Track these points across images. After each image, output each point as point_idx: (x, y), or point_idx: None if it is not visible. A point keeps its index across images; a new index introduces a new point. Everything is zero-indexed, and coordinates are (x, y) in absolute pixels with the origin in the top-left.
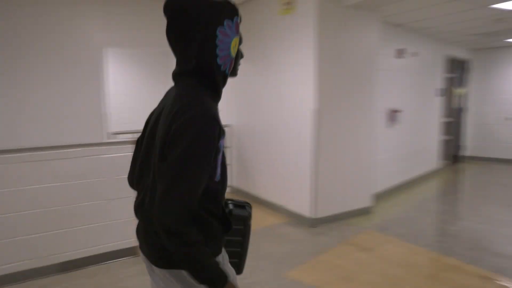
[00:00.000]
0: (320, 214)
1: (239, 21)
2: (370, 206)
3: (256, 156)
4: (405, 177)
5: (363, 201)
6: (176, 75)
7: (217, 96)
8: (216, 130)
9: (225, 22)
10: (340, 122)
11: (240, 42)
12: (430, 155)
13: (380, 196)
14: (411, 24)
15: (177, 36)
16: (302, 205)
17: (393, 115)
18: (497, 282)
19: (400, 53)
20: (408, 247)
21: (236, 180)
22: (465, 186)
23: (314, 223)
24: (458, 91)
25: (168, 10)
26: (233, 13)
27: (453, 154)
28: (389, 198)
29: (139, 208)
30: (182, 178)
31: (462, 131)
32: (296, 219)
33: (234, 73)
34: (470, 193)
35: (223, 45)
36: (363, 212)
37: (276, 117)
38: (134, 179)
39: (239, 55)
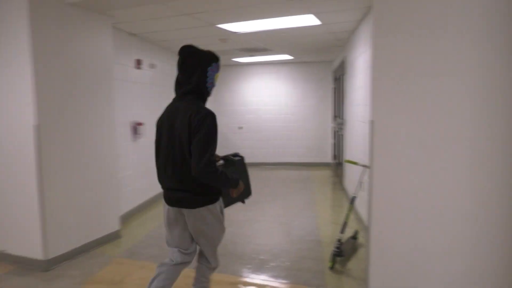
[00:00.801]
0: (54, 252)
1: (219, 63)
2: (118, 230)
3: None
4: (153, 192)
5: (110, 226)
6: (182, 94)
7: (205, 104)
8: (216, 122)
9: (213, 64)
10: (73, 139)
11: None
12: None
13: (130, 216)
14: (147, 34)
15: (185, 69)
16: (29, 246)
17: (136, 128)
18: (248, 281)
19: (138, 63)
20: None
21: None
22: None
23: (47, 266)
24: None
25: (183, 52)
26: (217, 59)
27: None
28: (140, 216)
29: (172, 179)
30: (207, 145)
31: None
32: (24, 265)
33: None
34: None
35: (210, 77)
36: (111, 238)
37: None
38: (159, 159)
39: (215, 83)
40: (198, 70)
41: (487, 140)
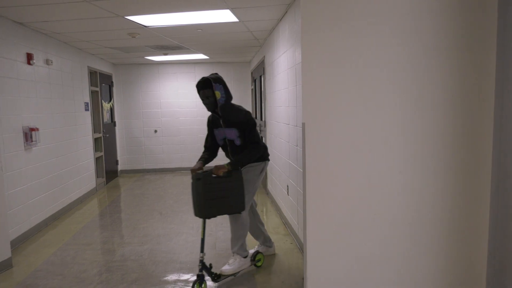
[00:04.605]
0: None
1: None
2: (9, 258)
3: None
4: (56, 207)
5: None
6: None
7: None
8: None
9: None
10: None
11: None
12: (86, 175)
13: (24, 240)
14: (38, 24)
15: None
16: None
17: (30, 134)
18: None
19: (29, 58)
20: None
21: None
22: (124, 204)
23: None
24: (107, 105)
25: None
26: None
27: (108, 170)
28: (37, 239)
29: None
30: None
31: (115, 146)
32: None
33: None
34: (129, 210)
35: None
36: (1, 268)
37: None
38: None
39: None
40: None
41: (418, 141)
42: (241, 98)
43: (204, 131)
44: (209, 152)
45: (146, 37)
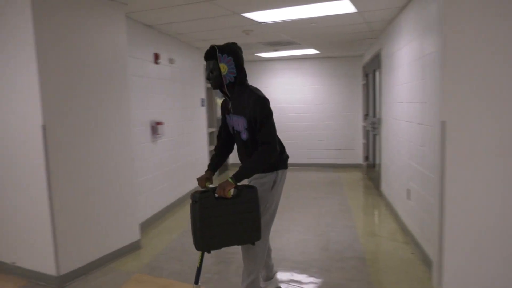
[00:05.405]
0: (67, 267)
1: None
2: (138, 240)
3: None
4: (175, 195)
5: (129, 236)
6: None
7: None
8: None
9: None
10: (84, 141)
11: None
12: (200, 168)
13: (149, 225)
14: (163, 26)
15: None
16: (41, 260)
17: (156, 127)
18: None
19: (156, 58)
20: None
21: None
22: None
23: (60, 283)
24: (219, 101)
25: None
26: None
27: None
28: (159, 225)
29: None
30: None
31: None
32: (36, 280)
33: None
34: None
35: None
36: (131, 249)
37: None
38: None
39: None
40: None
41: None
42: (352, 93)
43: (313, 128)
44: (222, 145)
45: (259, 34)
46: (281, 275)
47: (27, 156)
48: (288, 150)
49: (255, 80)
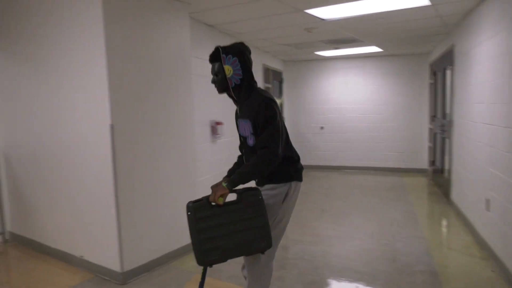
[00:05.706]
0: (130, 264)
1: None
2: None
3: (38, 189)
4: (235, 195)
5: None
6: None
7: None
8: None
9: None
10: (149, 140)
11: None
12: None
13: None
14: (224, 26)
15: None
16: (107, 256)
17: (216, 128)
18: None
19: None
20: None
21: (11, 223)
22: None
23: (124, 279)
24: (278, 101)
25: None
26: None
27: None
28: None
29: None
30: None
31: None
32: (103, 275)
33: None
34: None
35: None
36: (191, 248)
37: (63, 137)
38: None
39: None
40: None
41: None
42: (416, 93)
43: (373, 129)
44: (242, 154)
45: (321, 32)
46: (345, 287)
47: (95, 154)
48: (346, 152)
49: (313, 79)
